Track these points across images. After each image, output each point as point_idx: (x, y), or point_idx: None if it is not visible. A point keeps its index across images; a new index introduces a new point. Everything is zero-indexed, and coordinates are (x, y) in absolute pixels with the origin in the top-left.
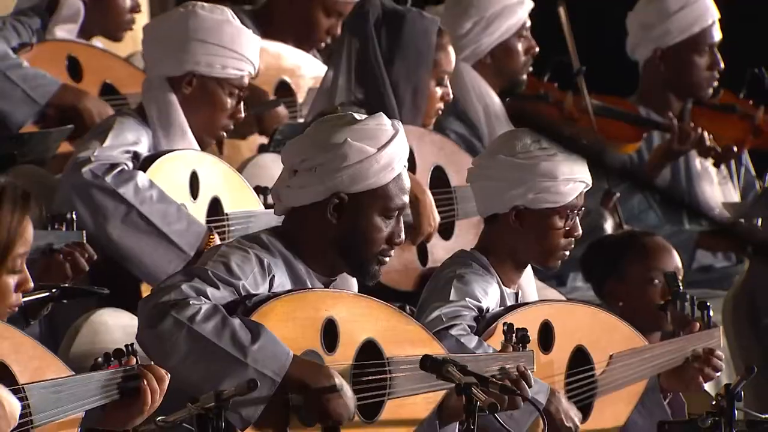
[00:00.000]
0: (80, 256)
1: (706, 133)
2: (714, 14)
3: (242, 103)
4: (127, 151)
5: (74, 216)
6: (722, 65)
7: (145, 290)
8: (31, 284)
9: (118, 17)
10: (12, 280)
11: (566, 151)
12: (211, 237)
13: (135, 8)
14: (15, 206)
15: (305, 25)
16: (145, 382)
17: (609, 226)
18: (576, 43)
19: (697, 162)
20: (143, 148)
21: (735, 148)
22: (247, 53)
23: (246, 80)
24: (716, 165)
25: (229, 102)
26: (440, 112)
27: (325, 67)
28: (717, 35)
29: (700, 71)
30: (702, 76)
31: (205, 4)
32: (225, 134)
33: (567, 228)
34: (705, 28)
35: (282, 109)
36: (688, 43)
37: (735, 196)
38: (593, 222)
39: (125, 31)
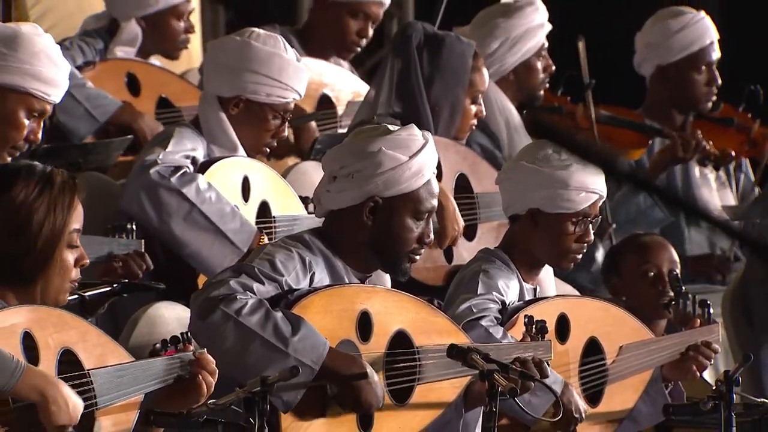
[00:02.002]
0: (135, 265)
1: (705, 140)
2: (712, 35)
3: (285, 123)
4: (187, 156)
5: (134, 226)
6: (720, 82)
7: (202, 284)
8: (87, 260)
9: (174, 39)
10: (71, 256)
11: (579, 159)
12: (261, 237)
13: (189, 29)
14: (64, 186)
15: (338, 33)
16: (200, 369)
17: (600, 255)
18: (593, 62)
19: (696, 170)
20: (200, 155)
21: (733, 153)
22: (292, 83)
23: (290, 105)
24: (716, 168)
25: (273, 123)
26: (473, 127)
27: (360, 81)
28: (715, 54)
29: (699, 87)
30: (701, 92)
31: (261, 33)
32: (268, 150)
33: (579, 233)
34: (703, 47)
35: (313, 125)
36: (687, 61)
37: (732, 202)
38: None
39: (181, 50)
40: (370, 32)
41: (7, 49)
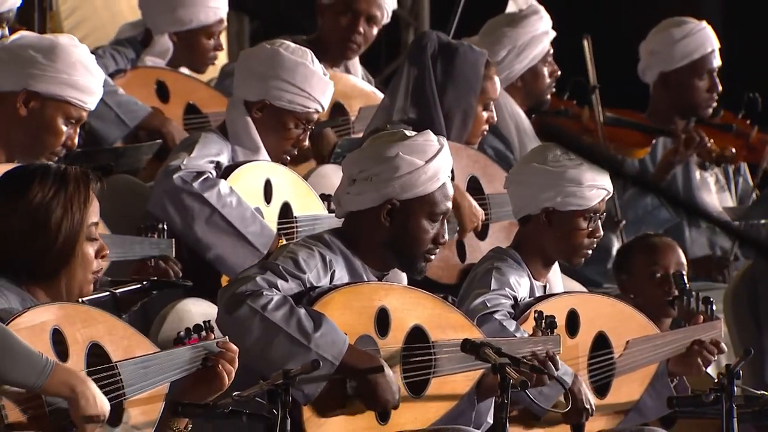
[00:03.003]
0: (164, 264)
1: (706, 138)
2: (713, 44)
3: (306, 133)
4: (211, 161)
5: (164, 226)
6: (720, 88)
7: (225, 282)
8: (107, 250)
9: (203, 56)
10: (91, 248)
11: (586, 161)
12: (280, 241)
13: (218, 47)
14: (79, 183)
15: (334, 34)
16: (222, 356)
17: (615, 251)
18: (598, 69)
19: (697, 173)
20: (224, 159)
21: (733, 150)
22: (315, 93)
23: (313, 116)
24: (717, 164)
25: (294, 131)
26: (485, 132)
27: (371, 87)
28: (716, 62)
29: (700, 93)
30: (702, 98)
31: (292, 44)
32: (288, 158)
33: (590, 229)
34: (704, 55)
35: (330, 131)
36: (689, 68)
37: (731, 204)
38: (602, 245)
39: (208, 66)
40: (365, 28)
41: (46, 59)
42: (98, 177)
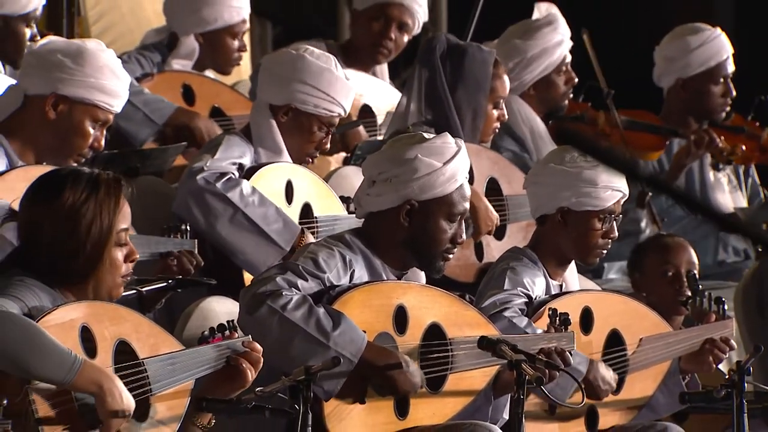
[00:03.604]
0: (188, 262)
1: (717, 137)
2: (728, 50)
3: (329, 137)
4: (234, 163)
5: (188, 227)
6: (734, 93)
7: (248, 280)
8: (137, 255)
9: (228, 56)
10: (120, 253)
11: (603, 164)
12: (304, 236)
13: (242, 48)
14: (110, 189)
15: (366, 39)
16: (246, 357)
17: (644, 223)
18: (610, 73)
19: (711, 174)
20: (247, 161)
21: (743, 147)
22: (339, 98)
23: (336, 120)
24: (728, 162)
25: (317, 135)
26: (497, 130)
27: (398, 93)
28: (730, 67)
29: (716, 98)
30: (717, 103)
31: (316, 50)
32: (311, 160)
33: (604, 230)
34: (720, 62)
35: (361, 129)
36: (705, 75)
37: (743, 203)
38: (631, 216)
39: (233, 66)
40: (396, 35)
41: (74, 64)
42: (129, 183)
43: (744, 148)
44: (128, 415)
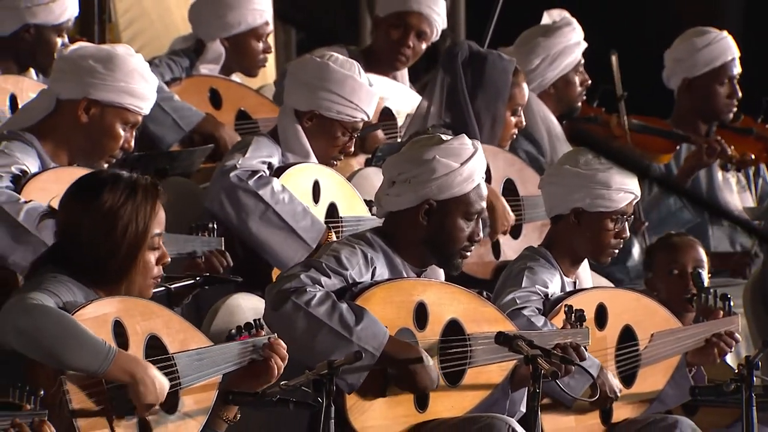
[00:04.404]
0: (216, 261)
1: (727, 145)
2: (734, 52)
3: (353, 141)
4: (264, 162)
5: (215, 225)
6: (740, 94)
7: (275, 276)
8: (169, 258)
9: (254, 58)
10: (153, 256)
11: (614, 164)
12: (329, 234)
13: (267, 50)
14: (147, 194)
15: (386, 45)
16: (272, 352)
17: (636, 251)
18: (625, 77)
19: (719, 174)
20: (275, 161)
21: (753, 156)
22: (362, 104)
23: (359, 125)
24: (738, 170)
25: (341, 139)
26: (514, 136)
27: (418, 96)
28: (736, 69)
29: (721, 99)
30: (722, 103)
31: (340, 57)
32: (335, 163)
33: (617, 230)
34: (725, 63)
35: (380, 132)
36: (710, 75)
37: (752, 203)
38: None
39: (259, 68)
40: (414, 42)
41: (105, 69)
42: (166, 191)
43: (753, 156)
44: (161, 401)
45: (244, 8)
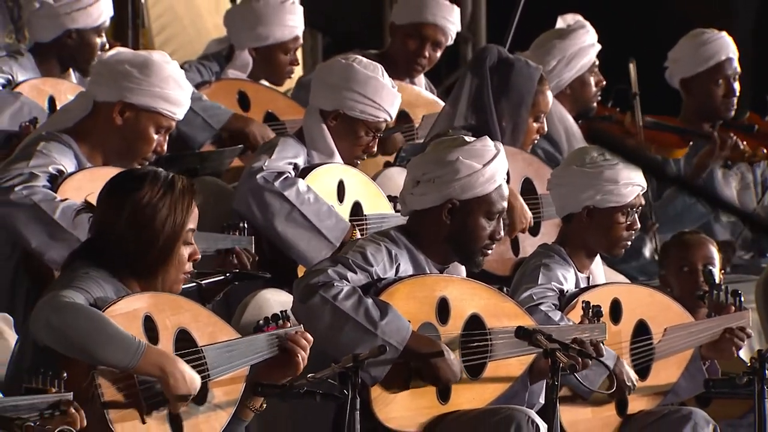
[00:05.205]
0: (245, 258)
1: (739, 140)
2: (729, 51)
3: (376, 140)
4: (290, 163)
5: (245, 224)
6: (737, 93)
7: (301, 273)
8: (199, 255)
9: (280, 70)
10: (186, 251)
11: (630, 162)
12: (353, 232)
13: (294, 62)
14: (184, 191)
15: (402, 53)
16: (297, 343)
17: (646, 250)
18: (640, 77)
19: (719, 172)
20: (300, 161)
21: (765, 150)
22: (385, 104)
23: (382, 125)
24: (750, 164)
25: (364, 139)
26: (535, 141)
27: (433, 97)
28: (731, 68)
29: (717, 98)
30: (718, 102)
31: (364, 59)
32: (358, 162)
33: (628, 222)
34: (719, 62)
35: (399, 135)
36: (705, 74)
37: (753, 202)
38: (634, 245)
39: (285, 80)
40: (430, 52)
41: (141, 74)
42: (200, 190)
43: (765, 150)
44: (194, 394)
45: (275, 23)
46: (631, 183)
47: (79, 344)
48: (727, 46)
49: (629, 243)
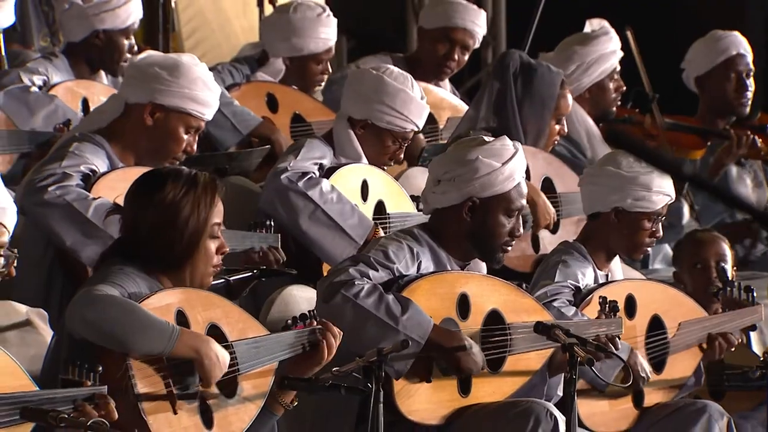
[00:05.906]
0: (272, 256)
1: (757, 139)
2: (739, 47)
3: (402, 149)
4: (315, 163)
5: (272, 223)
6: (751, 89)
7: (326, 270)
8: (227, 248)
9: (311, 80)
10: (213, 245)
11: (649, 163)
12: (376, 230)
13: (324, 71)
14: (206, 187)
15: (430, 57)
16: (324, 339)
17: (686, 210)
18: (658, 79)
19: (734, 169)
20: (327, 162)
21: None
22: (413, 116)
23: (409, 135)
24: (766, 162)
25: (391, 147)
26: (556, 142)
27: (457, 100)
28: (742, 64)
29: (729, 93)
30: (730, 98)
31: (395, 70)
32: (384, 168)
33: (652, 230)
34: (729, 58)
35: (420, 136)
36: (716, 71)
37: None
38: (673, 205)
39: (314, 87)
40: (459, 56)
41: (171, 76)
42: (223, 185)
43: None
44: (224, 371)
45: (310, 36)
46: (663, 192)
47: (114, 334)
48: (738, 42)
49: (649, 249)
